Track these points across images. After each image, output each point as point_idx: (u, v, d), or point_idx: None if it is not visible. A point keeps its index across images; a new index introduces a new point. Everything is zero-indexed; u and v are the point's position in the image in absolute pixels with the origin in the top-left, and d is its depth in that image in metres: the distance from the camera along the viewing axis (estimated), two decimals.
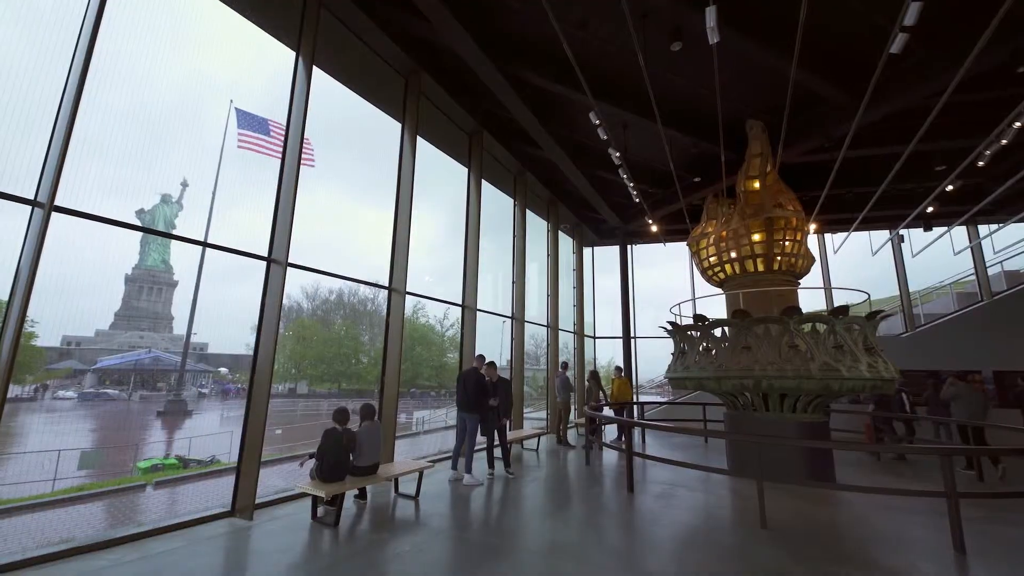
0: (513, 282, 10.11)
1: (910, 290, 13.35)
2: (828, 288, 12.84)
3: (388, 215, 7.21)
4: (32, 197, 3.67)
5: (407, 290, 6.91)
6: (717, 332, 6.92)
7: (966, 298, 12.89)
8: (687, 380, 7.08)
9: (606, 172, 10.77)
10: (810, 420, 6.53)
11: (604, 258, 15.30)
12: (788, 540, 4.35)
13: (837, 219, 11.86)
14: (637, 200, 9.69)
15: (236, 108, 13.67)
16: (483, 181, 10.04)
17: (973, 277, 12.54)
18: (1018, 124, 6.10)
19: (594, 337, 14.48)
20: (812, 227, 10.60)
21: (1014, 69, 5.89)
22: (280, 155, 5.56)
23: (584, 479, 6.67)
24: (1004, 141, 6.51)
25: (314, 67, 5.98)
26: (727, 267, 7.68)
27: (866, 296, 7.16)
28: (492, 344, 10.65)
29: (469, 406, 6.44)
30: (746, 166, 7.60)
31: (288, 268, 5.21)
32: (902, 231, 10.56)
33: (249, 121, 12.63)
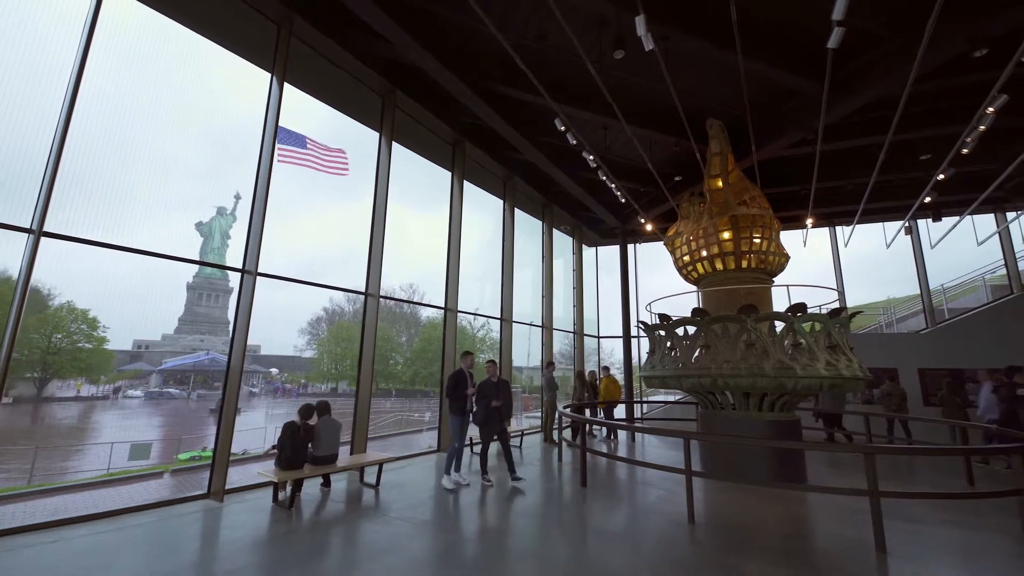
0: (502, 284, 10.43)
1: (942, 285, 12.62)
2: (842, 291, 12.38)
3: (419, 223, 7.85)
4: (28, 225, 4.41)
5: (380, 295, 7.40)
6: (680, 331, 6.96)
7: (1000, 291, 12.00)
8: (653, 378, 7.17)
9: (596, 174, 10.90)
10: (776, 419, 6.48)
11: (612, 258, 15.33)
12: (707, 534, 4.45)
13: (842, 212, 11.37)
14: (623, 200, 9.79)
15: (278, 125, 14.88)
16: (480, 189, 10.53)
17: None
18: (991, 110, 5.81)
19: (597, 337, 14.55)
20: (810, 221, 10.30)
21: (970, 55, 5.60)
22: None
23: (547, 474, 6.91)
24: (982, 127, 6.20)
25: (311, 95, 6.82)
26: (698, 266, 7.67)
27: (836, 293, 6.96)
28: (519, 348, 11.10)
29: (449, 407, 6.22)
30: (708, 165, 7.57)
31: (260, 277, 5.81)
32: (909, 223, 10.00)
33: (288, 136, 13.71)
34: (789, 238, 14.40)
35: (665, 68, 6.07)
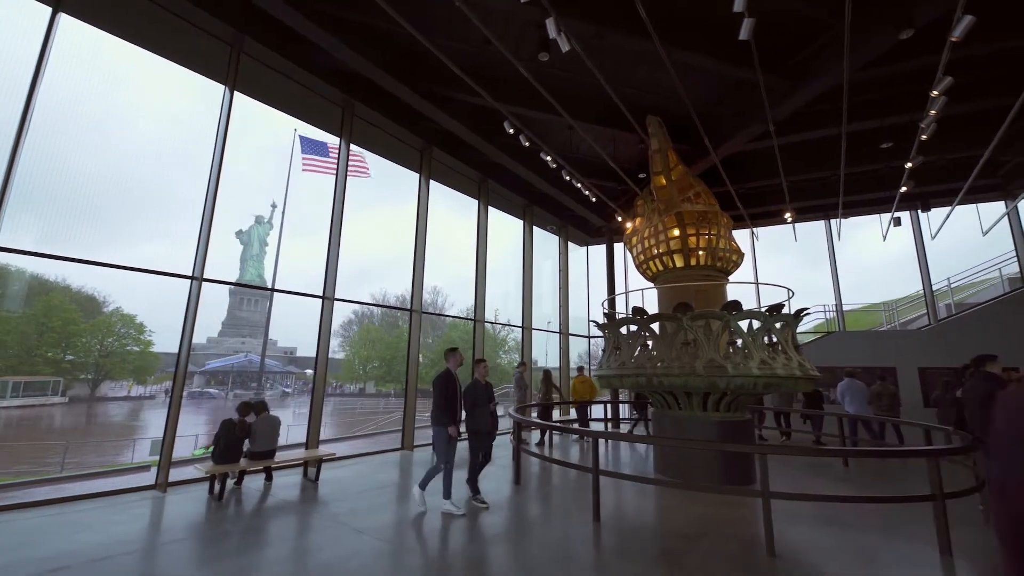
0: (475, 285, 10.58)
1: (948, 279, 11.87)
2: (837, 286, 11.83)
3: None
4: None
5: (336, 297, 7.71)
6: (624, 330, 6.91)
7: (1018, 284, 11.13)
8: (602, 378, 7.14)
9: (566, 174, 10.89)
10: (723, 419, 6.32)
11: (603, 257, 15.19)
12: (605, 533, 4.46)
13: (833, 204, 10.84)
14: (594, 199, 9.77)
15: (300, 136, 15.33)
16: (459, 193, 10.80)
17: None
18: (935, 92, 5.50)
19: (588, 336, 14.46)
20: (788, 216, 9.93)
21: (897, 37, 5.30)
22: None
23: (490, 473, 7.00)
24: (933, 111, 5.87)
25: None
26: (651, 264, 7.56)
27: (790, 292, 6.70)
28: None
29: (436, 418, 5.12)
30: (651, 163, 7.46)
31: (205, 283, 6.22)
32: (898, 214, 9.43)
33: (311, 146, 14.16)
34: (782, 234, 13.87)
35: (593, 65, 6.09)
